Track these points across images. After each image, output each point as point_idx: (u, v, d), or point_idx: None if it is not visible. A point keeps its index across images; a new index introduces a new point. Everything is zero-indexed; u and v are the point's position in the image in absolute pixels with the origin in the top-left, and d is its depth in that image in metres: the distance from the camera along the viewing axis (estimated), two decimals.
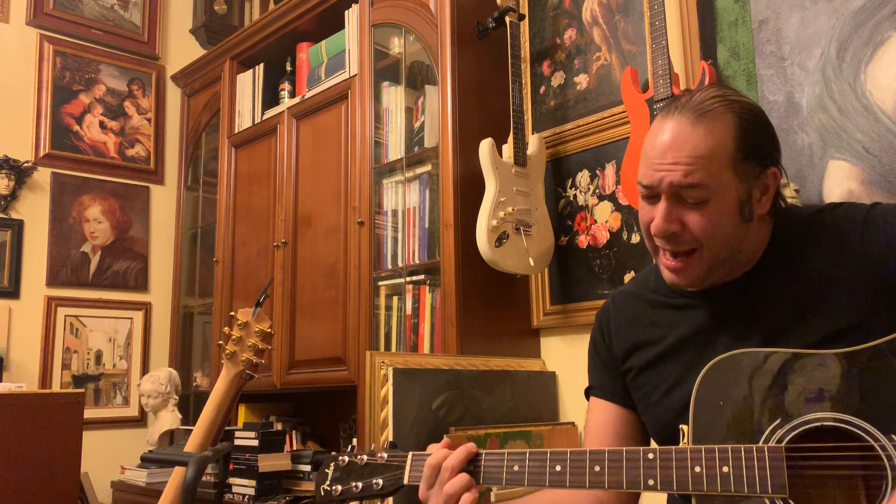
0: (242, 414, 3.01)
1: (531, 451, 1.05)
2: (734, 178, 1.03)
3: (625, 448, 0.99)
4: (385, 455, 1.17)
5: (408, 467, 1.14)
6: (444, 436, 1.84)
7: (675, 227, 1.05)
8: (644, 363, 1.18)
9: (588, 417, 1.28)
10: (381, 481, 1.15)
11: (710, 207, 1.03)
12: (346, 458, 1.18)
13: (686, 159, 1.02)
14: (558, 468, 1.03)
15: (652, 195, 1.07)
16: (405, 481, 1.14)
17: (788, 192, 1.55)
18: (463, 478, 1.07)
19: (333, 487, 1.17)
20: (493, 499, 1.77)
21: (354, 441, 2.52)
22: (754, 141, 1.05)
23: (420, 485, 1.11)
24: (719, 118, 1.04)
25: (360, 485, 1.16)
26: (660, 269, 1.21)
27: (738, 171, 1.04)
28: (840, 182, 1.75)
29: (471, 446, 1.10)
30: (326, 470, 1.19)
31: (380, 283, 2.45)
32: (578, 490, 1.15)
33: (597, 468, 1.00)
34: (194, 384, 3.41)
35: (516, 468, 1.06)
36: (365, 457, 1.17)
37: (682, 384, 1.10)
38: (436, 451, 1.11)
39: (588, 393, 1.30)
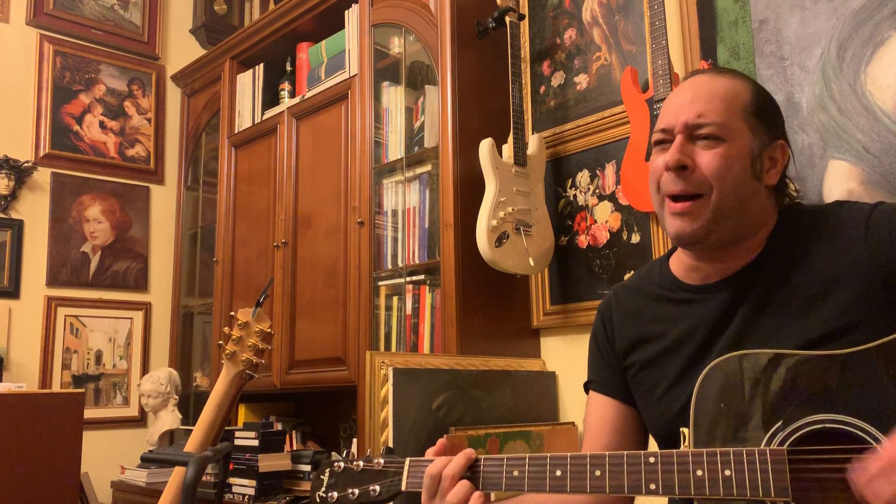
0: (242, 414, 3.01)
1: (531, 456, 1.05)
2: (747, 129, 1.08)
3: (626, 452, 0.99)
4: (382, 461, 1.16)
5: (405, 474, 1.13)
6: (445, 436, 1.84)
7: (686, 159, 1.07)
8: (646, 359, 1.18)
9: (587, 412, 1.27)
10: (378, 488, 1.14)
11: (722, 149, 1.06)
12: (343, 465, 1.17)
13: (704, 99, 1.08)
14: (559, 473, 1.02)
15: (666, 140, 1.11)
16: (403, 488, 1.13)
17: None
18: (464, 485, 1.06)
19: (329, 494, 1.16)
20: (492, 497, 1.76)
21: (354, 441, 2.52)
22: (767, 107, 1.12)
23: (422, 495, 1.10)
24: (738, 78, 1.13)
25: (356, 491, 1.15)
26: (665, 263, 1.21)
27: (751, 124, 1.08)
28: (840, 182, 1.74)
29: (469, 452, 1.09)
30: (322, 476, 1.18)
31: (380, 283, 2.45)
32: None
33: (597, 472, 0.99)
34: (194, 384, 3.41)
35: (516, 473, 1.05)
36: (361, 463, 1.16)
37: (683, 381, 1.10)
38: (435, 459, 1.11)
39: (587, 387, 1.29)
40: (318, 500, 1.16)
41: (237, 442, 2.55)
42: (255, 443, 2.51)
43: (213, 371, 3.12)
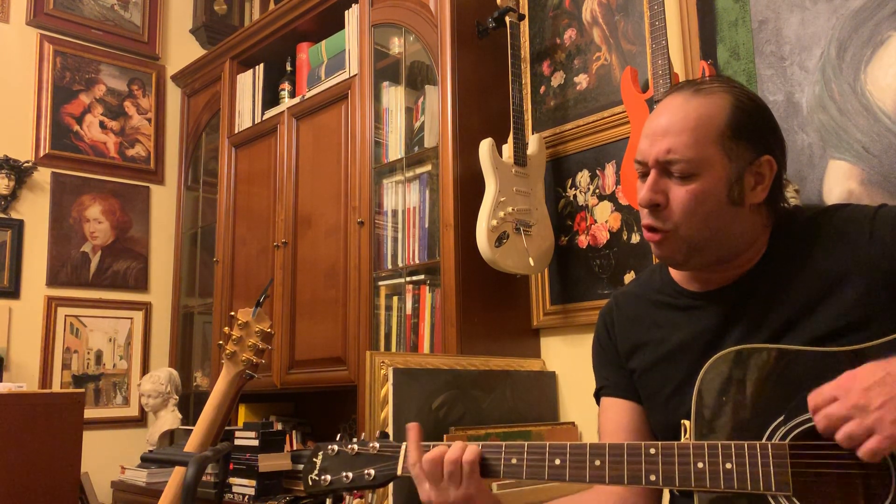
0: (242, 414, 3.00)
1: (530, 444, 1.04)
2: (722, 155, 1.04)
3: (626, 442, 0.99)
4: (377, 445, 1.15)
5: (401, 458, 1.13)
6: (445, 435, 1.84)
7: (659, 197, 1.06)
8: (646, 364, 1.17)
9: (602, 419, 1.25)
10: (372, 472, 1.13)
11: (695, 183, 1.04)
12: (336, 448, 1.16)
13: (675, 130, 1.05)
14: (557, 462, 1.02)
15: (644, 172, 1.09)
16: (398, 472, 1.13)
17: (789, 193, 1.55)
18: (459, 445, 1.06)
19: (322, 477, 1.14)
20: (493, 488, 1.76)
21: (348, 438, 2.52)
22: (749, 123, 1.06)
23: (420, 482, 1.10)
24: (716, 96, 1.07)
25: (350, 475, 1.13)
26: (665, 269, 1.21)
27: (728, 149, 1.04)
28: (840, 182, 1.74)
29: (464, 443, 1.09)
30: (315, 459, 1.16)
31: (380, 283, 2.45)
32: (601, 491, 1.14)
33: (597, 462, 0.99)
34: (194, 384, 3.41)
35: (514, 461, 1.05)
36: (356, 447, 1.15)
37: (686, 386, 1.08)
38: (431, 446, 1.10)
39: (599, 394, 1.27)
40: (310, 483, 1.14)
41: (237, 442, 2.55)
42: (255, 443, 2.51)
43: (213, 371, 3.12)
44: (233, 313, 1.56)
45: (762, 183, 1.07)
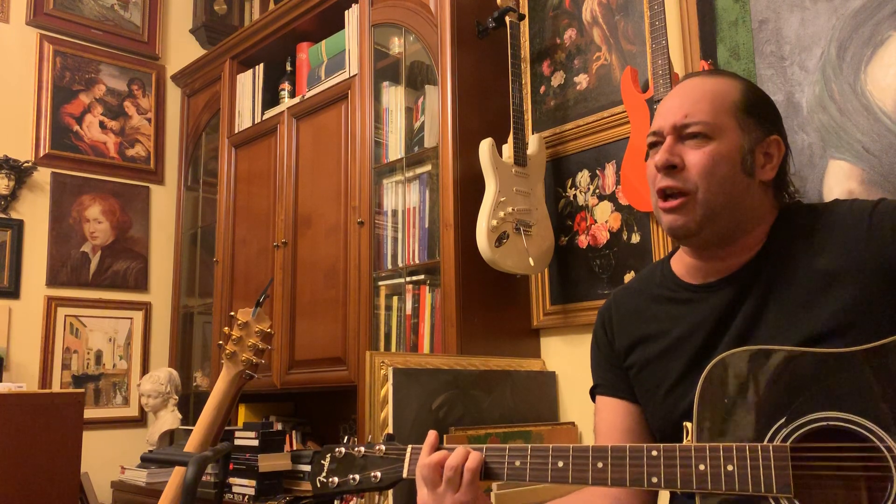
0: (242, 414, 3.00)
1: (533, 447, 1.05)
2: (736, 126, 1.09)
3: (628, 445, 0.99)
4: (383, 447, 1.15)
5: (406, 461, 1.13)
6: (445, 435, 1.84)
7: (675, 159, 1.09)
8: (647, 358, 1.17)
9: (597, 418, 1.26)
10: (379, 474, 1.13)
11: (710, 147, 1.08)
12: (343, 450, 1.17)
13: (691, 100, 1.10)
14: (560, 464, 1.02)
15: (658, 142, 1.13)
16: (404, 475, 1.13)
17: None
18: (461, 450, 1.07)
19: (330, 480, 1.15)
20: (493, 501, 1.76)
21: (355, 440, 2.52)
22: (758, 103, 1.13)
23: (419, 486, 1.10)
24: (727, 79, 1.15)
25: (357, 477, 1.14)
26: (667, 264, 1.22)
27: (741, 121, 1.10)
28: (840, 182, 1.74)
29: (467, 449, 1.09)
30: (322, 461, 1.18)
31: (380, 283, 2.45)
32: (597, 492, 1.15)
33: (600, 465, 0.99)
34: (194, 384, 3.41)
35: (517, 464, 1.05)
36: (362, 449, 1.16)
37: (687, 379, 1.09)
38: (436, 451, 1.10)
39: (594, 392, 1.28)
40: (318, 485, 1.15)
41: (237, 442, 2.55)
42: (255, 443, 2.51)
43: (213, 371, 3.12)
44: (233, 313, 1.56)
45: (770, 162, 1.11)
